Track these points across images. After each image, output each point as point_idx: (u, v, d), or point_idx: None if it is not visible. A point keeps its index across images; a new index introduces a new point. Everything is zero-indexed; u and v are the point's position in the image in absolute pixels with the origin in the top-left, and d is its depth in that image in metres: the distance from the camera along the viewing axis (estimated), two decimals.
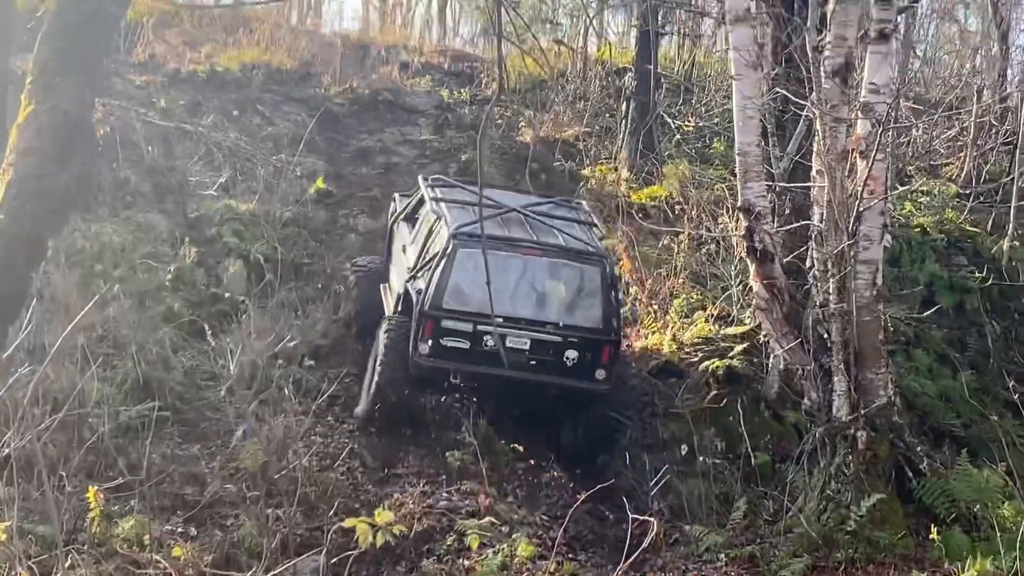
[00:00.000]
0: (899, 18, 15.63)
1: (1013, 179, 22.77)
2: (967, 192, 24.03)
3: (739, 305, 18.09)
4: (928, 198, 23.83)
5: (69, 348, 13.07)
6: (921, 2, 27.02)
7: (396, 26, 35.66)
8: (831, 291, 12.50)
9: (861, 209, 12.30)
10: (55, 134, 9.93)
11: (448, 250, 14.83)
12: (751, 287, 13.74)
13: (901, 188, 22.61)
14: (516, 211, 15.96)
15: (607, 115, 27.27)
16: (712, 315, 18.36)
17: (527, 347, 14.87)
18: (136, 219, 18.79)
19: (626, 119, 25.11)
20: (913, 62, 29.40)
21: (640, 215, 20.82)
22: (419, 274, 15.40)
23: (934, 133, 27.53)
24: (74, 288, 15.07)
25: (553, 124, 26.54)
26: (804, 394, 13.47)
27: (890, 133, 14.55)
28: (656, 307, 19.07)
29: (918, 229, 22.06)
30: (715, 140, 25.89)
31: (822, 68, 12.56)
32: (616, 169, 24.15)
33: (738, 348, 16.92)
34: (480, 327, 14.72)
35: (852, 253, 12.41)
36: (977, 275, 21.02)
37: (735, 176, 13.56)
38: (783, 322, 13.12)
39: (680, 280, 19.51)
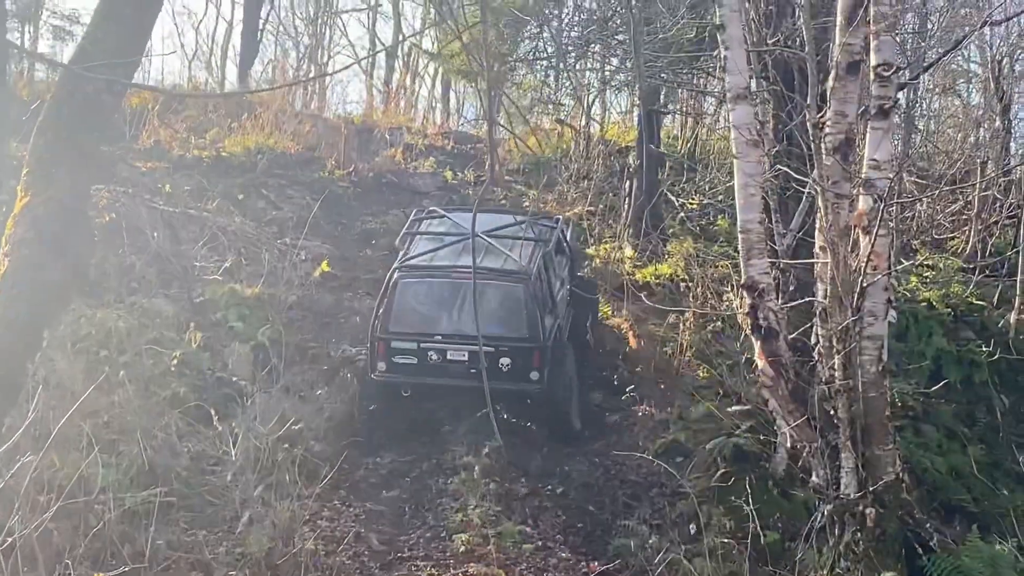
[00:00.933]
0: (900, 94, 15.72)
1: (1018, 252, 22.75)
2: (972, 266, 23.97)
3: (745, 383, 18.02)
4: (933, 272, 23.81)
5: (74, 434, 13.04)
6: (922, 78, 27.08)
7: (400, 109, 35.89)
8: (836, 368, 12.44)
9: (865, 285, 12.27)
10: (50, 225, 9.96)
11: (392, 281, 17.45)
12: (756, 364, 13.72)
13: (906, 263, 22.63)
14: (480, 237, 17.87)
15: (611, 194, 27.28)
16: (718, 393, 18.32)
17: (466, 358, 16.94)
18: (141, 305, 18.75)
19: (629, 197, 25.17)
20: (915, 137, 29.49)
21: (645, 293, 20.85)
22: None
23: (938, 207, 27.56)
24: (80, 374, 15.02)
25: (557, 203, 26.61)
26: (812, 471, 13.39)
27: (893, 208, 14.58)
28: (663, 385, 19.05)
29: (924, 303, 21.98)
30: (719, 217, 25.87)
31: (823, 145, 12.57)
32: (620, 247, 24.19)
33: (745, 426, 16.83)
34: (423, 345, 17.05)
35: (857, 329, 12.36)
36: (984, 349, 20.89)
37: (739, 253, 13.58)
38: (789, 399, 13.08)
39: (686, 358, 19.50)
